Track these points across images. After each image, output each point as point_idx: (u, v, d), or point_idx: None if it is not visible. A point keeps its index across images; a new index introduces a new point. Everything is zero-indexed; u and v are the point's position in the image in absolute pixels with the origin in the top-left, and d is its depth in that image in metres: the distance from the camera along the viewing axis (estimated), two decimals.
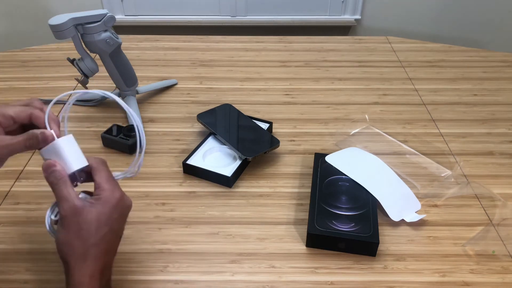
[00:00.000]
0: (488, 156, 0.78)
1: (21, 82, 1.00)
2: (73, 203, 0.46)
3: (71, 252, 0.45)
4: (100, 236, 0.46)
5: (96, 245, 0.46)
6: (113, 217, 0.47)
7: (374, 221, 0.61)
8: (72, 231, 0.45)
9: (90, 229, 0.46)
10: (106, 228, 0.47)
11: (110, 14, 0.77)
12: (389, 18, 2.14)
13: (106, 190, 0.47)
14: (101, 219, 0.46)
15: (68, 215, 0.45)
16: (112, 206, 0.47)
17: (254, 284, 0.56)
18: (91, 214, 0.46)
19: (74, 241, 0.45)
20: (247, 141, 0.77)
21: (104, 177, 0.48)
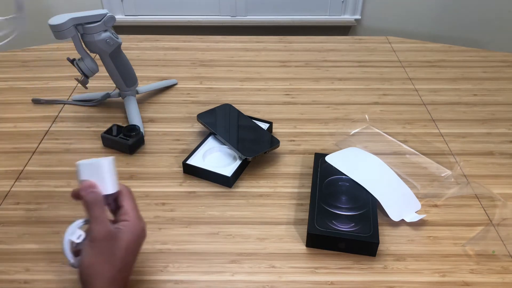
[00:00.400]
0: (488, 156, 0.78)
1: (21, 82, 1.00)
2: (108, 227, 0.48)
3: (99, 276, 0.46)
4: (126, 262, 0.48)
5: (122, 271, 0.48)
6: (138, 245, 0.50)
7: (374, 221, 0.61)
8: (105, 255, 0.47)
9: (121, 255, 0.48)
10: (132, 256, 0.49)
11: (110, 14, 0.77)
12: (389, 18, 2.14)
13: (134, 218, 0.50)
14: (130, 247, 0.49)
15: (102, 239, 0.47)
16: (138, 235, 0.50)
17: (254, 284, 0.56)
18: (123, 242, 0.48)
19: (104, 265, 0.47)
20: (247, 141, 0.77)
21: (132, 204, 0.51)
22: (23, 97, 0.94)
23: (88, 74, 0.81)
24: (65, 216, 0.66)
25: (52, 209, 0.67)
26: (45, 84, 0.99)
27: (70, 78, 1.00)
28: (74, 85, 0.98)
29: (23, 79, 1.01)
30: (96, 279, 0.46)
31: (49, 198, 0.69)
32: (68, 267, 0.58)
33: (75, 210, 0.67)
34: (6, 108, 0.91)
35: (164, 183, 0.72)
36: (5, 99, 0.94)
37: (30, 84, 0.99)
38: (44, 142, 0.81)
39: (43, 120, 0.87)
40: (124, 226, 0.49)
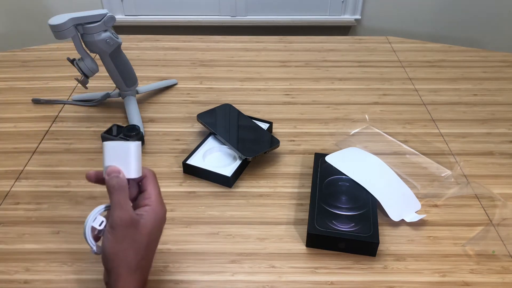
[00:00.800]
0: (488, 156, 0.78)
1: (21, 82, 1.00)
2: (129, 213, 0.46)
3: (124, 263, 0.46)
4: (150, 249, 0.48)
5: (145, 258, 0.47)
6: (159, 231, 0.49)
7: (374, 221, 0.61)
8: (127, 242, 0.46)
9: (143, 242, 0.47)
10: (155, 242, 0.49)
11: (110, 14, 0.77)
12: (389, 18, 2.14)
13: (157, 203, 0.48)
14: (153, 233, 0.48)
15: (123, 225, 0.45)
16: (160, 221, 0.49)
17: (254, 284, 0.56)
18: (145, 229, 0.47)
19: (128, 252, 0.46)
20: (247, 141, 0.77)
21: (155, 189, 0.49)
22: (23, 97, 0.94)
23: (88, 74, 0.81)
24: (65, 216, 0.66)
25: (52, 209, 0.67)
26: (45, 84, 0.99)
27: (70, 78, 1.00)
28: (74, 85, 0.98)
29: (23, 79, 1.01)
30: (121, 267, 0.46)
31: (49, 198, 0.69)
32: (68, 267, 0.58)
33: (75, 210, 0.67)
34: (6, 108, 0.91)
35: (164, 183, 0.72)
36: (5, 99, 0.94)
37: (30, 84, 0.99)
38: (44, 142, 0.81)
39: (43, 120, 0.87)
40: (146, 211, 0.47)
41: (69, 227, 0.64)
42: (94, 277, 0.57)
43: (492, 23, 2.13)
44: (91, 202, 0.68)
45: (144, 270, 0.48)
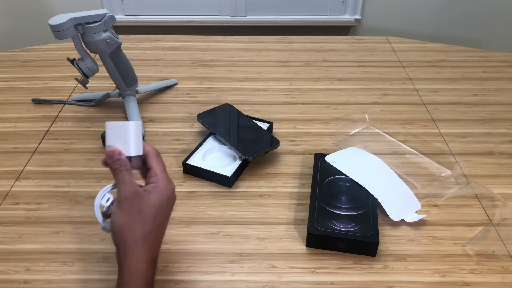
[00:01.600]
0: (488, 156, 0.78)
1: (21, 82, 1.00)
2: (134, 187, 0.47)
3: (132, 236, 0.46)
4: (158, 222, 0.48)
5: (154, 230, 0.47)
6: (168, 206, 0.49)
7: (374, 221, 0.61)
8: (133, 213, 0.46)
9: (149, 214, 0.47)
10: (162, 215, 0.48)
11: (110, 14, 0.77)
12: (389, 18, 2.14)
13: (164, 180, 0.49)
14: (159, 206, 0.48)
15: (129, 198, 0.47)
16: (168, 196, 0.49)
17: (254, 284, 0.56)
18: (151, 200, 0.47)
19: (135, 224, 0.46)
20: (247, 141, 0.77)
21: (161, 166, 0.50)
22: (23, 97, 0.94)
23: (88, 74, 0.81)
24: (65, 216, 0.66)
25: (52, 209, 0.67)
26: (45, 84, 0.99)
27: (70, 78, 1.00)
28: (74, 85, 0.98)
29: (23, 79, 1.01)
30: (128, 238, 0.46)
31: (49, 198, 0.69)
32: (68, 267, 0.58)
33: (75, 210, 0.67)
34: (6, 108, 0.91)
35: None
36: (5, 99, 0.94)
37: (30, 84, 0.99)
38: (44, 142, 0.81)
39: (43, 120, 0.87)
40: (152, 187, 0.48)
41: (69, 227, 0.64)
42: (94, 277, 0.57)
43: (492, 23, 2.13)
44: (91, 202, 0.68)
45: (153, 245, 0.47)
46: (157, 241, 0.48)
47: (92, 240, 0.62)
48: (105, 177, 0.73)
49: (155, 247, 0.48)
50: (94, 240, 0.62)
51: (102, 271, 0.58)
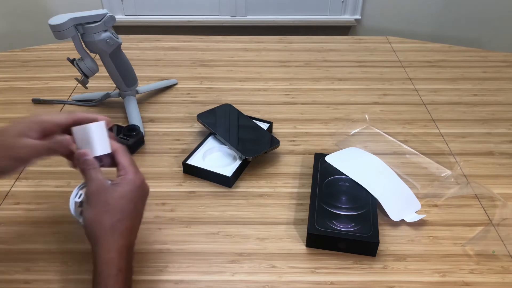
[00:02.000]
0: (488, 156, 0.78)
1: (21, 82, 1.00)
2: (100, 182, 0.49)
3: (100, 227, 0.47)
4: (127, 212, 0.49)
5: (123, 220, 0.48)
6: (137, 196, 0.50)
7: (374, 221, 0.61)
8: (100, 206, 0.48)
9: (117, 205, 0.48)
10: (131, 205, 0.49)
11: (110, 14, 0.77)
12: (389, 18, 2.14)
13: (131, 172, 0.51)
14: (126, 196, 0.49)
15: (95, 192, 0.49)
16: (137, 186, 0.50)
17: (254, 284, 0.56)
18: (117, 192, 0.49)
19: (102, 216, 0.48)
20: (247, 141, 0.77)
21: (128, 160, 0.52)
22: (23, 97, 0.94)
23: (88, 74, 0.81)
24: (65, 216, 0.66)
25: (52, 209, 0.67)
26: (45, 84, 0.99)
27: (70, 78, 1.00)
28: (74, 85, 0.98)
29: (23, 79, 1.01)
30: (98, 230, 0.47)
31: (49, 198, 0.69)
32: (68, 267, 0.58)
33: None
34: (6, 108, 0.91)
35: (164, 183, 0.72)
36: (5, 99, 0.94)
37: (30, 84, 0.99)
38: None
39: None
40: (120, 180, 0.50)
41: (69, 227, 0.64)
42: None
43: (492, 23, 2.13)
44: None
45: (123, 234, 0.48)
46: (129, 231, 0.49)
47: None
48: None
49: (127, 236, 0.49)
50: None
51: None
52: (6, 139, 0.50)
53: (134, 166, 0.52)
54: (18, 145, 0.49)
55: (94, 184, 0.49)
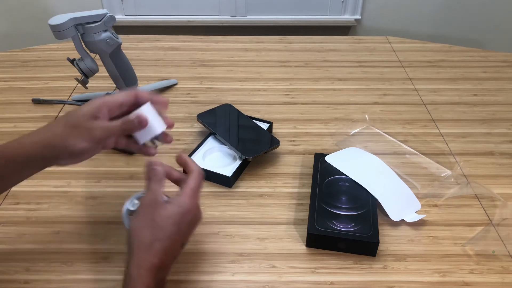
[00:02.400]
0: (488, 156, 0.78)
1: (21, 82, 1.00)
2: (156, 196, 0.50)
3: (139, 239, 0.48)
4: (168, 233, 0.48)
5: (162, 240, 0.48)
6: (184, 221, 0.50)
7: (374, 221, 0.61)
8: (146, 219, 0.49)
9: (161, 224, 0.48)
10: (175, 227, 0.49)
11: (110, 14, 0.77)
12: (389, 18, 2.14)
13: (187, 195, 0.50)
14: (173, 217, 0.49)
15: (147, 204, 0.49)
16: (187, 210, 0.50)
17: (254, 284, 0.56)
18: (166, 211, 0.49)
19: (144, 231, 0.48)
20: (247, 141, 0.77)
21: (193, 183, 0.52)
22: (23, 97, 0.94)
23: (88, 74, 0.81)
24: (65, 216, 0.66)
25: (52, 209, 0.67)
26: (45, 84, 0.99)
27: (70, 78, 1.00)
28: (74, 85, 0.98)
29: (23, 79, 1.01)
30: (135, 241, 0.48)
31: (49, 198, 0.69)
32: (68, 267, 0.58)
33: (75, 210, 0.67)
34: (6, 108, 0.91)
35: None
36: (5, 99, 0.94)
37: (30, 84, 0.99)
38: None
39: (43, 120, 0.87)
40: (172, 199, 0.50)
41: (69, 227, 0.64)
42: (94, 277, 0.57)
43: (492, 23, 2.13)
44: (91, 202, 0.68)
45: (159, 254, 0.47)
46: (164, 252, 0.48)
47: (92, 240, 0.62)
48: (105, 177, 0.73)
49: (161, 257, 0.48)
50: (94, 240, 0.62)
51: (102, 271, 0.58)
52: (79, 121, 0.50)
53: (195, 191, 0.52)
54: (93, 126, 0.50)
55: (149, 196, 0.50)
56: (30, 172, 0.52)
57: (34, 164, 0.51)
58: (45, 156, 0.50)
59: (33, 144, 0.50)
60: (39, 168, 0.52)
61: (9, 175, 0.51)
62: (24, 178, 0.53)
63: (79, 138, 0.49)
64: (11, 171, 0.51)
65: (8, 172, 0.51)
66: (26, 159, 0.50)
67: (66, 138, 0.49)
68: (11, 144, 0.50)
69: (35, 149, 0.50)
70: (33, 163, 0.51)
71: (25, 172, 0.52)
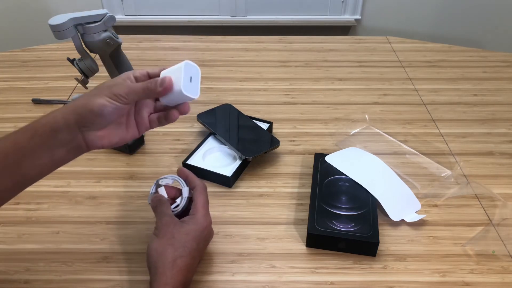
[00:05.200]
0: (488, 156, 0.78)
1: (21, 82, 1.00)
2: (171, 217, 0.53)
3: (162, 258, 0.49)
4: (189, 249, 0.51)
5: (184, 257, 0.50)
6: (201, 237, 0.53)
7: (374, 221, 0.61)
8: (166, 238, 0.51)
9: (181, 240, 0.51)
10: (194, 243, 0.52)
11: (110, 14, 0.77)
12: (389, 18, 2.14)
13: (201, 213, 0.54)
14: (191, 233, 0.52)
15: (165, 224, 0.52)
16: (203, 227, 0.53)
17: (254, 284, 0.56)
18: (184, 228, 0.52)
19: (166, 248, 0.50)
20: (247, 141, 0.77)
21: (202, 200, 0.55)
22: (23, 97, 0.94)
23: (88, 74, 0.81)
24: (65, 216, 0.66)
25: (52, 209, 0.67)
26: (45, 84, 0.99)
27: (70, 78, 1.00)
28: (74, 85, 0.98)
29: (23, 79, 1.01)
30: (158, 260, 0.49)
31: (49, 198, 0.69)
32: (68, 267, 0.58)
33: (75, 210, 0.67)
34: (6, 108, 0.91)
35: None
36: (5, 99, 0.94)
37: (30, 84, 0.99)
38: None
39: None
40: (188, 218, 0.53)
41: (69, 227, 0.64)
42: (94, 277, 0.57)
43: (492, 23, 2.13)
44: (91, 202, 0.68)
45: (182, 271, 0.50)
46: (187, 269, 0.50)
47: (92, 240, 0.62)
48: (105, 177, 0.73)
49: (185, 273, 0.50)
50: (94, 240, 0.62)
51: (102, 271, 0.58)
52: (105, 83, 0.49)
53: (206, 208, 0.55)
54: (119, 82, 0.48)
55: (165, 218, 0.53)
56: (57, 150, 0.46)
57: (59, 135, 0.46)
58: (68, 123, 0.46)
59: (60, 111, 0.46)
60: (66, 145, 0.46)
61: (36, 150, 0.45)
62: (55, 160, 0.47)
63: (100, 96, 0.46)
64: (38, 146, 0.46)
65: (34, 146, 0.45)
66: (51, 128, 0.45)
67: (88, 97, 0.47)
68: (43, 116, 0.47)
69: (58, 115, 0.46)
70: (57, 133, 0.46)
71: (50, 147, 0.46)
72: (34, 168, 0.46)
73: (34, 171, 0.47)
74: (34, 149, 0.45)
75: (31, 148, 0.45)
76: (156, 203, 0.55)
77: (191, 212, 0.54)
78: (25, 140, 0.45)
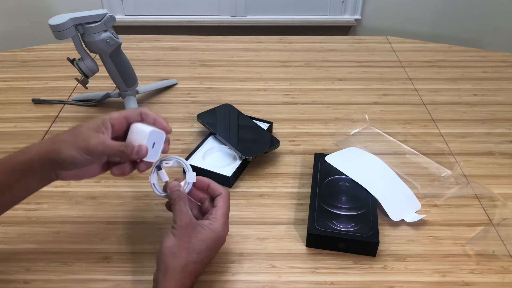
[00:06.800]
0: (488, 156, 0.78)
1: (21, 82, 1.00)
2: (191, 217, 0.52)
3: (175, 260, 0.49)
4: (201, 256, 0.51)
5: (195, 263, 0.50)
6: (215, 246, 0.53)
7: (374, 221, 0.61)
8: (183, 240, 0.50)
9: (197, 246, 0.51)
10: (207, 251, 0.52)
11: (110, 14, 0.77)
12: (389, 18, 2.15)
13: (221, 222, 0.53)
14: (207, 241, 0.51)
15: (184, 227, 0.51)
16: (219, 237, 0.53)
17: (254, 284, 0.56)
18: (202, 234, 0.51)
19: (181, 251, 0.50)
20: (247, 141, 0.77)
21: (224, 208, 0.55)
22: (23, 97, 0.94)
23: (88, 74, 0.81)
24: (65, 216, 0.66)
25: (52, 209, 0.67)
26: (45, 84, 0.99)
27: (70, 78, 1.00)
28: (74, 85, 0.98)
29: (23, 79, 1.01)
30: (171, 261, 0.49)
31: (49, 198, 0.69)
32: (68, 267, 0.58)
33: (75, 210, 0.67)
34: (6, 108, 0.91)
35: None
36: (5, 99, 0.94)
37: (30, 84, 0.99)
38: None
39: (43, 120, 0.87)
40: (208, 224, 0.52)
41: (69, 227, 0.64)
42: (94, 277, 0.57)
43: (492, 23, 2.13)
44: (91, 202, 0.68)
45: (190, 276, 0.50)
46: (195, 275, 0.51)
47: (92, 240, 0.62)
48: (104, 177, 0.73)
49: (192, 279, 0.51)
50: (94, 240, 0.62)
51: (102, 271, 0.58)
52: (81, 130, 0.50)
53: (226, 217, 0.55)
54: (93, 137, 0.49)
55: (185, 218, 0.51)
56: (31, 183, 0.51)
57: (34, 173, 0.50)
58: (43, 164, 0.49)
59: (35, 152, 0.49)
60: (40, 179, 0.51)
61: (13, 185, 0.50)
62: (29, 191, 0.52)
63: (73, 147, 0.48)
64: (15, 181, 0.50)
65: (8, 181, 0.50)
66: (25, 166, 0.49)
67: (62, 145, 0.49)
68: (17, 152, 0.50)
69: (34, 156, 0.49)
70: (32, 172, 0.50)
71: (26, 182, 0.50)
72: (11, 198, 0.52)
73: (11, 200, 0.52)
74: (11, 184, 0.50)
75: (8, 183, 0.50)
76: (175, 197, 0.53)
77: (211, 217, 0.53)
78: (4, 176, 0.50)
